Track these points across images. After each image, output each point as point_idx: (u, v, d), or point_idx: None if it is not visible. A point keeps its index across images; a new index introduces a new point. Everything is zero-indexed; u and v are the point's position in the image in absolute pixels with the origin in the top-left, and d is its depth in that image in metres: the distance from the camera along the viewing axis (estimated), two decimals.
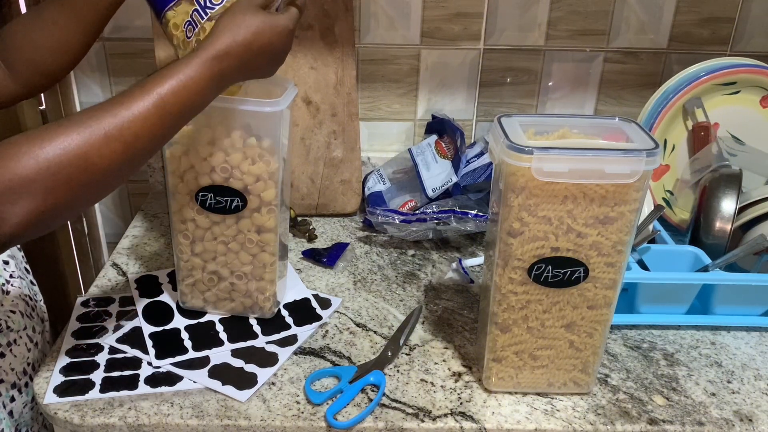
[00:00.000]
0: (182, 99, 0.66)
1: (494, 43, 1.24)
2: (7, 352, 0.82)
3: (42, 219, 0.61)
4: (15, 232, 0.60)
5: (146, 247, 1.10)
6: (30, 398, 0.85)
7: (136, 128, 0.64)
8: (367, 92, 1.27)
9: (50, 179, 0.60)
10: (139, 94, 0.64)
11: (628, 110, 1.29)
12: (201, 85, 0.67)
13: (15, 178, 0.59)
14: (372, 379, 0.81)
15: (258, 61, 0.72)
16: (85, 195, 0.64)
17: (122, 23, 1.21)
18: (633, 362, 0.87)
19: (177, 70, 0.66)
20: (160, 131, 0.66)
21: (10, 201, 0.59)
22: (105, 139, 0.62)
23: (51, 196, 0.61)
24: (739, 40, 1.24)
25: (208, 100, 0.70)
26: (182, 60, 0.67)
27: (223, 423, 0.76)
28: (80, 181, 0.62)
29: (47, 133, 0.61)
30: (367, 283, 1.02)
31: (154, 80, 0.66)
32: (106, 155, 0.62)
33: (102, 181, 0.64)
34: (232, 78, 0.71)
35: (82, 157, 0.61)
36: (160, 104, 0.65)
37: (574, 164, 0.67)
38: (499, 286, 0.74)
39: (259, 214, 0.85)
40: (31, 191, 0.59)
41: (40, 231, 0.63)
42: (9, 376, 0.82)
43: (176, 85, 0.66)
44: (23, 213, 0.60)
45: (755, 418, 0.79)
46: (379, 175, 1.23)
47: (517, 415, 0.78)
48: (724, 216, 0.98)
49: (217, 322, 0.91)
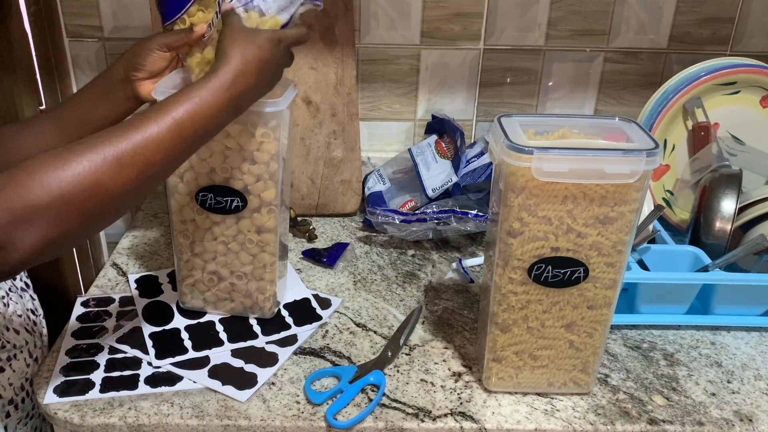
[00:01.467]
0: (198, 123, 0.66)
1: (494, 43, 1.24)
2: (7, 366, 0.81)
3: (52, 246, 0.61)
4: (24, 259, 0.59)
5: (146, 247, 1.10)
6: (25, 414, 0.84)
7: (150, 153, 0.63)
8: (367, 92, 1.27)
9: (63, 207, 0.59)
10: (154, 118, 0.64)
11: (628, 110, 1.29)
12: (217, 108, 0.67)
13: (27, 205, 0.58)
14: (372, 379, 0.81)
15: (268, 77, 0.73)
16: (96, 221, 0.63)
17: (122, 23, 1.21)
18: (633, 362, 0.87)
19: (193, 93, 0.66)
20: (173, 156, 0.65)
21: (22, 228, 0.58)
22: (118, 165, 0.61)
23: (63, 224, 0.60)
24: (739, 40, 1.24)
25: (224, 123, 0.70)
26: (197, 83, 0.67)
27: (223, 423, 0.76)
28: (93, 207, 0.61)
29: (60, 159, 0.60)
30: (367, 283, 1.02)
31: (169, 104, 0.65)
32: (119, 182, 0.61)
33: (114, 207, 0.63)
34: (251, 96, 0.71)
35: (95, 183, 0.60)
36: (175, 129, 0.64)
37: (574, 164, 0.67)
38: (499, 286, 0.74)
39: (259, 214, 0.85)
40: (43, 219, 0.59)
41: (49, 257, 0.63)
42: (6, 391, 0.81)
43: (192, 109, 0.65)
44: (34, 240, 0.59)
45: (755, 418, 0.79)
46: (379, 175, 1.23)
47: (517, 415, 0.78)
48: (724, 216, 0.98)
49: (217, 322, 0.91)
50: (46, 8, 1.18)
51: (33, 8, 1.15)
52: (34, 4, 1.15)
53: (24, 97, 1.13)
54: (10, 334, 0.83)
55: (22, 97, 1.12)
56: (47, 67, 1.20)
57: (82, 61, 1.24)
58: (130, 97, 0.82)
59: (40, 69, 1.18)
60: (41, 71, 1.19)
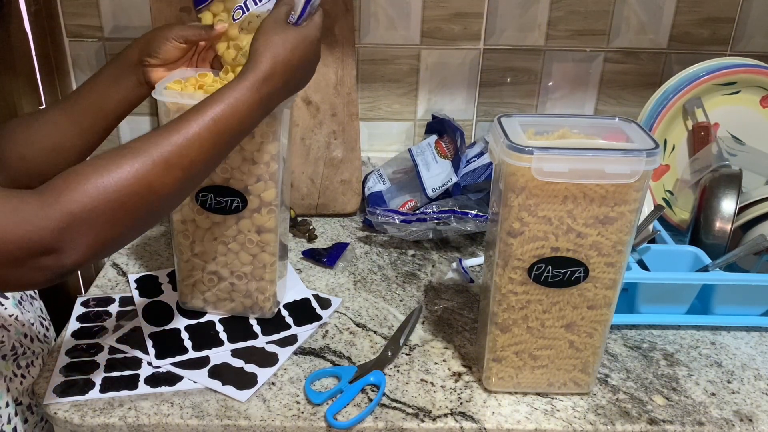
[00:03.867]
0: (234, 122, 0.68)
1: (494, 43, 1.24)
2: (27, 374, 0.82)
3: (105, 248, 0.63)
4: (78, 261, 0.61)
5: (146, 247, 1.10)
6: (40, 417, 0.84)
7: (194, 153, 0.65)
8: (367, 92, 1.27)
9: (115, 209, 0.61)
10: (194, 119, 0.66)
11: (628, 110, 1.28)
12: (251, 107, 0.69)
13: (81, 208, 0.60)
14: (372, 379, 0.81)
15: (298, 76, 0.74)
16: (146, 222, 0.66)
17: (122, 23, 1.21)
18: (633, 362, 0.87)
19: (227, 94, 0.68)
20: (214, 154, 0.68)
21: (76, 231, 0.60)
22: (166, 167, 0.64)
23: (117, 226, 0.62)
24: (739, 40, 1.24)
25: (256, 122, 0.72)
26: (231, 84, 0.69)
27: (223, 423, 0.76)
28: (144, 208, 0.63)
29: (111, 162, 0.62)
30: (367, 283, 1.02)
31: (207, 105, 0.67)
32: (168, 182, 0.64)
33: (162, 207, 0.66)
34: (279, 97, 0.73)
35: (146, 185, 0.63)
36: (214, 128, 0.66)
37: (574, 164, 0.67)
38: (499, 286, 0.74)
39: (260, 214, 0.85)
40: (97, 222, 0.60)
41: (101, 258, 0.65)
42: (25, 397, 0.82)
43: (227, 109, 0.67)
44: (89, 243, 0.61)
45: (755, 418, 0.79)
46: (379, 175, 1.23)
47: (517, 415, 0.78)
48: (724, 216, 0.98)
49: (217, 322, 0.91)
50: (46, 8, 1.18)
51: (33, 8, 1.15)
52: (34, 4, 1.15)
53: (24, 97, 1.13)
54: (27, 342, 0.83)
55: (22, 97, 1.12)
56: (47, 67, 1.20)
57: (82, 61, 1.24)
58: (141, 83, 0.82)
59: (40, 69, 1.18)
60: (41, 71, 1.18)
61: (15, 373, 0.80)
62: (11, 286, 0.72)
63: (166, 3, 1.10)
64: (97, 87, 0.83)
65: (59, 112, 0.83)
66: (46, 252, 0.59)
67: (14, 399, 0.80)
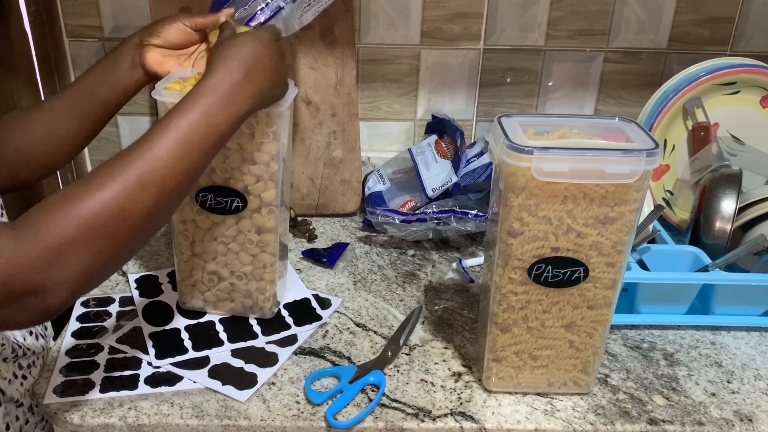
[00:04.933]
0: (203, 130, 0.65)
1: (494, 43, 1.24)
2: (28, 374, 0.81)
3: (90, 280, 0.61)
4: (65, 298, 0.59)
5: (146, 247, 1.10)
6: (40, 418, 0.84)
7: (164, 169, 0.62)
8: (367, 92, 1.27)
9: (94, 237, 0.59)
10: (159, 132, 0.63)
11: (628, 110, 1.29)
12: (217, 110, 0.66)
13: (59, 241, 0.57)
14: (372, 379, 0.81)
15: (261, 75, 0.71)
16: (128, 246, 0.63)
17: (122, 23, 1.21)
18: (633, 362, 0.87)
19: (189, 100, 0.66)
20: (188, 166, 0.64)
21: (59, 265, 0.58)
22: (137, 188, 0.61)
23: (98, 255, 0.59)
24: (739, 40, 1.24)
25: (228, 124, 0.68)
26: (192, 89, 0.67)
27: (223, 423, 0.76)
28: (123, 233, 0.61)
29: (82, 190, 0.59)
30: (367, 283, 1.02)
31: (171, 115, 0.65)
32: (142, 202, 0.61)
33: (142, 228, 0.63)
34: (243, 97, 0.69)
35: (119, 209, 0.60)
36: (183, 139, 0.64)
37: (574, 164, 0.67)
38: (499, 286, 0.74)
39: (260, 214, 0.85)
40: (76, 252, 0.58)
41: (92, 287, 0.62)
42: (26, 398, 0.81)
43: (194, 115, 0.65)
44: (72, 277, 0.58)
45: (755, 418, 0.79)
46: (379, 175, 1.23)
47: (517, 415, 0.78)
48: (724, 216, 0.98)
49: (217, 322, 0.91)
50: (46, 8, 1.18)
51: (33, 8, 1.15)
52: (34, 4, 1.15)
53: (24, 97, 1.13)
54: (31, 340, 0.83)
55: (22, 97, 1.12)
56: (47, 67, 1.20)
57: (82, 61, 1.24)
58: (136, 65, 0.80)
59: (40, 69, 1.18)
60: (41, 71, 1.18)
61: (16, 375, 0.80)
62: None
63: (166, 3, 1.10)
64: (94, 71, 0.82)
65: (56, 98, 0.82)
66: (30, 292, 0.57)
67: (15, 400, 0.79)
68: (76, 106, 0.81)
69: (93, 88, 0.81)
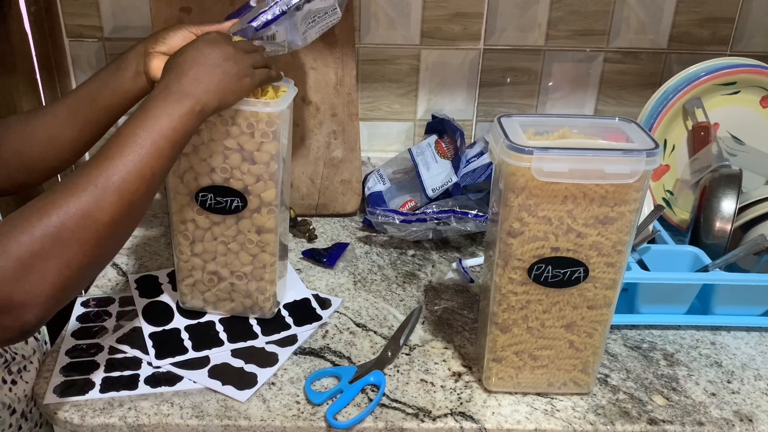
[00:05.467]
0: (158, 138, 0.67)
1: (494, 43, 1.24)
2: (18, 379, 0.80)
3: (67, 288, 0.61)
4: (43, 313, 0.60)
5: (146, 247, 1.10)
6: (34, 423, 0.83)
7: (124, 175, 0.65)
8: (367, 92, 1.27)
9: (64, 246, 0.60)
10: (118, 144, 0.66)
11: (628, 110, 1.29)
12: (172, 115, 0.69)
13: (31, 253, 0.58)
14: (372, 379, 0.81)
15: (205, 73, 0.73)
16: (100, 252, 0.64)
17: (122, 23, 1.21)
18: (633, 362, 0.87)
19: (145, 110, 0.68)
20: (148, 172, 0.67)
21: (33, 278, 0.58)
22: (100, 194, 0.63)
23: (69, 264, 0.61)
24: (739, 40, 1.24)
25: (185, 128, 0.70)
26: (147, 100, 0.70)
27: (223, 423, 0.76)
28: (91, 241, 0.62)
29: (49, 201, 0.61)
30: (367, 283, 1.02)
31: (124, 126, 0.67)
32: (105, 209, 0.63)
33: (112, 234, 0.65)
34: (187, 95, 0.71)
35: (85, 216, 0.62)
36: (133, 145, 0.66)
37: (574, 164, 0.67)
38: (499, 286, 0.74)
39: (259, 214, 0.85)
40: (50, 263, 0.59)
41: (66, 301, 0.63)
42: (20, 404, 0.80)
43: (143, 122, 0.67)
44: (48, 288, 0.59)
45: (755, 418, 0.79)
46: (379, 175, 1.23)
47: (517, 415, 0.78)
48: (724, 216, 0.98)
49: (217, 322, 0.91)
50: (46, 8, 1.18)
51: (33, 8, 1.15)
52: (34, 4, 1.15)
53: (24, 96, 1.13)
54: (20, 344, 0.82)
55: (22, 96, 1.12)
56: (47, 67, 1.20)
57: (82, 61, 1.24)
58: (139, 72, 0.81)
59: (40, 69, 1.18)
60: (41, 71, 1.18)
61: (5, 380, 0.78)
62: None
63: (166, 3, 1.10)
64: (97, 77, 0.82)
65: (58, 103, 0.82)
66: (4, 309, 0.58)
67: (7, 406, 0.78)
68: (78, 111, 0.81)
69: (95, 95, 0.81)
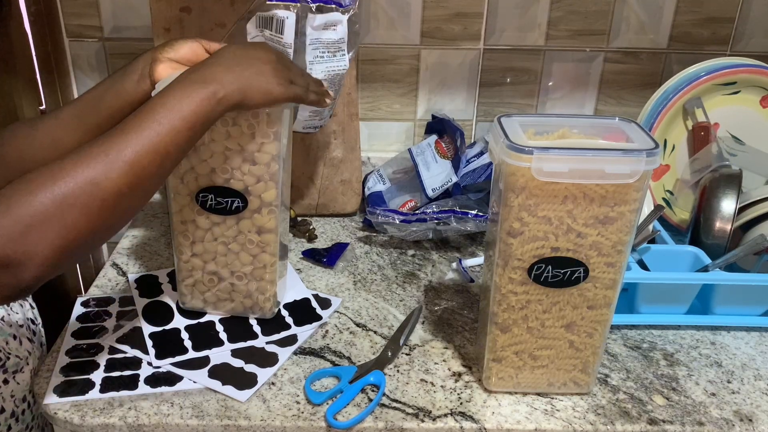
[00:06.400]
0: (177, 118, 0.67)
1: (494, 43, 1.24)
2: (11, 379, 0.80)
3: (64, 255, 0.62)
4: (40, 274, 0.60)
5: (146, 247, 1.10)
6: (25, 426, 0.83)
7: (138, 147, 0.65)
8: (367, 92, 1.27)
9: (67, 211, 0.61)
10: (135, 117, 0.66)
11: (628, 110, 1.29)
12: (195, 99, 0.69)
13: (34, 213, 0.59)
14: (372, 379, 0.81)
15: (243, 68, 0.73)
16: (103, 222, 0.64)
17: (122, 23, 1.21)
18: (633, 362, 0.87)
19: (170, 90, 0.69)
20: (163, 150, 0.67)
21: (32, 239, 0.59)
22: (110, 165, 0.63)
23: (72, 229, 0.61)
24: (739, 40, 1.24)
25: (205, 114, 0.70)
26: (174, 82, 0.70)
27: (223, 423, 0.76)
28: (96, 209, 0.63)
29: (60, 167, 0.62)
30: (367, 283, 1.02)
31: (148, 104, 0.68)
32: (113, 178, 0.63)
33: (117, 207, 0.65)
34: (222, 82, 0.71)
35: (93, 184, 0.62)
36: (156, 125, 0.66)
37: (574, 164, 0.67)
38: (499, 286, 0.74)
39: (260, 214, 0.85)
40: (49, 227, 0.60)
41: (65, 266, 0.64)
42: (7, 403, 0.80)
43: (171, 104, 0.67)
44: (46, 251, 0.60)
45: (755, 418, 0.79)
46: (379, 175, 1.23)
47: (517, 415, 0.78)
48: (724, 216, 0.98)
49: (217, 322, 0.91)
50: (46, 8, 1.18)
51: (33, 8, 1.15)
52: (34, 4, 1.15)
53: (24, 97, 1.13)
54: (15, 344, 0.82)
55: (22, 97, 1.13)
56: (47, 67, 1.20)
57: (82, 61, 1.24)
58: (144, 76, 0.81)
59: (40, 69, 1.18)
60: (41, 71, 1.19)
61: None
62: None
63: (166, 3, 1.10)
64: (104, 83, 0.83)
65: (64, 108, 0.83)
66: (2, 266, 0.58)
67: None
68: (82, 116, 0.81)
69: (99, 99, 0.82)
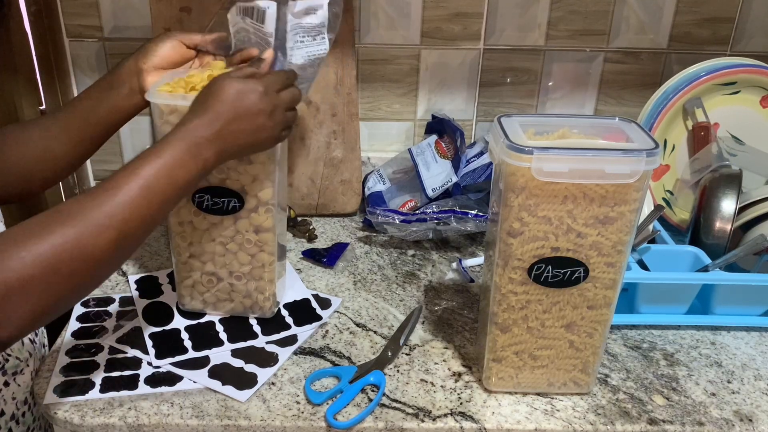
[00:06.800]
0: (166, 180, 0.66)
1: (494, 43, 1.24)
2: (11, 381, 0.80)
3: (43, 315, 0.61)
4: (17, 334, 0.59)
5: (146, 247, 1.10)
6: (26, 428, 0.83)
7: (126, 214, 0.63)
8: (367, 92, 1.27)
9: (50, 275, 0.59)
10: (124, 178, 0.64)
11: (628, 110, 1.29)
12: (181, 162, 0.67)
13: (14, 276, 0.57)
14: (372, 379, 0.81)
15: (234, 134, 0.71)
16: (84, 286, 0.64)
17: (122, 23, 1.21)
18: (633, 362, 0.87)
19: (157, 151, 0.67)
20: (148, 214, 0.66)
21: (11, 302, 0.58)
22: (98, 229, 0.62)
23: (52, 292, 0.60)
24: (739, 40, 1.24)
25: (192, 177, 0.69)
26: (162, 140, 0.68)
27: (223, 423, 0.75)
28: (79, 273, 0.61)
29: (43, 228, 0.60)
30: (367, 283, 1.02)
31: (136, 162, 0.66)
32: (100, 245, 0.62)
33: (100, 270, 0.64)
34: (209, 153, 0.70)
35: (79, 249, 0.61)
36: (145, 187, 0.65)
37: (574, 164, 0.67)
38: (499, 286, 0.74)
39: (257, 214, 0.85)
40: (31, 289, 0.58)
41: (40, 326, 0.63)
42: (8, 405, 0.79)
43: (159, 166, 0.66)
44: (25, 313, 0.59)
45: (755, 418, 0.78)
46: (379, 175, 1.23)
47: (517, 415, 0.78)
48: (724, 216, 0.98)
49: (216, 322, 0.91)
50: (46, 8, 1.18)
51: (33, 8, 1.15)
52: (34, 4, 1.15)
53: (24, 97, 1.13)
54: (16, 345, 0.81)
55: (22, 97, 1.12)
56: (47, 67, 1.20)
57: (82, 61, 1.24)
58: (134, 91, 0.81)
59: (40, 69, 1.18)
60: (41, 71, 1.18)
61: None
62: None
63: (166, 3, 1.10)
64: (91, 94, 0.83)
65: (52, 118, 0.83)
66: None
67: None
68: (72, 128, 0.81)
69: (88, 111, 0.81)
